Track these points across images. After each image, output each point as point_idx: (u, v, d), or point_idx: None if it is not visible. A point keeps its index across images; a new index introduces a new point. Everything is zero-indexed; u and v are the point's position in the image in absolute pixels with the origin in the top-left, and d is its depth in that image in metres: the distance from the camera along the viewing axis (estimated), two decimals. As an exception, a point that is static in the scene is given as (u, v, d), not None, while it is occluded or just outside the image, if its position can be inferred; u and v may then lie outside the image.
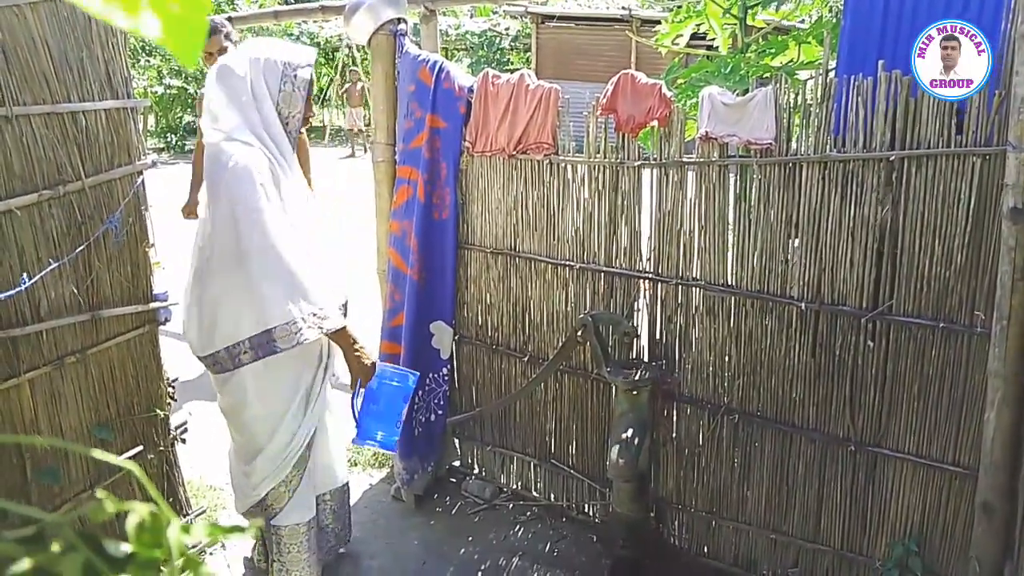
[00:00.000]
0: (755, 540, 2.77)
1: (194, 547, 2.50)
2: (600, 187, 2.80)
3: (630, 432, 2.65)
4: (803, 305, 2.46)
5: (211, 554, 2.88)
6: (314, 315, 2.15)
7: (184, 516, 2.88)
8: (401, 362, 3.12)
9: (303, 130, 2.41)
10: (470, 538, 3.10)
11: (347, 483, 2.81)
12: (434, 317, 3.21)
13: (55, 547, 0.32)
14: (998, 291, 2.08)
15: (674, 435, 2.85)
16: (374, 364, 2.40)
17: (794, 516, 2.66)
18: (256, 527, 0.40)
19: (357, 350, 2.33)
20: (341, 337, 2.29)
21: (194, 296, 2.24)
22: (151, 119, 14.92)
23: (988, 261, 2.15)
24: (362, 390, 2.43)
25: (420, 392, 3.23)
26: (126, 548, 0.34)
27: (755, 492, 2.72)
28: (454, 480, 3.42)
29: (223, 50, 3.02)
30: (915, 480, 2.40)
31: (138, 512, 0.35)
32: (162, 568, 0.35)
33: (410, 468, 3.26)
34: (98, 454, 0.46)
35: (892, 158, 2.23)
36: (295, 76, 2.17)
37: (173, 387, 2.83)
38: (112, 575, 0.33)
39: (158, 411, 2.72)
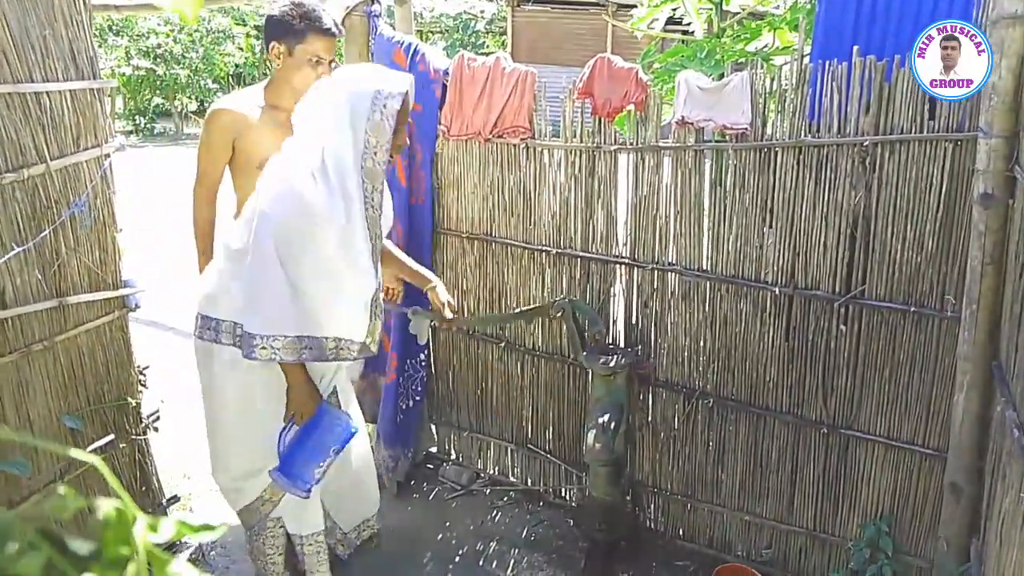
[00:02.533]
0: (729, 522, 2.80)
1: (171, 546, 2.48)
2: (577, 172, 2.79)
3: (606, 417, 2.66)
4: (777, 290, 2.48)
5: (193, 553, 2.85)
6: (276, 339, 2.08)
7: (158, 505, 2.84)
8: (390, 347, 3.11)
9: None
10: (447, 523, 3.10)
11: (314, 539, 2.55)
12: (412, 302, 3.19)
13: (14, 546, 0.30)
14: (968, 276, 2.11)
15: (650, 419, 2.86)
16: (316, 405, 2.27)
17: (768, 498, 2.69)
18: (225, 526, 0.38)
19: (306, 386, 2.24)
20: (291, 370, 2.20)
21: (228, 273, 2.24)
22: (119, 101, 14.60)
23: (959, 246, 2.18)
24: (295, 428, 2.27)
25: (400, 379, 3.22)
26: (90, 546, 0.33)
27: (729, 475, 2.75)
28: (431, 466, 3.41)
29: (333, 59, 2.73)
30: (886, 462, 2.44)
31: (103, 509, 0.33)
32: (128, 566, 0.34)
33: (394, 455, 3.26)
34: (55, 448, 0.44)
35: (866, 143, 2.25)
36: (385, 105, 2.06)
37: (144, 375, 2.78)
38: (75, 572, 0.32)
39: (129, 399, 2.67)
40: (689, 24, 4.55)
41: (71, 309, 2.46)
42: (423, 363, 3.29)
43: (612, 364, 2.66)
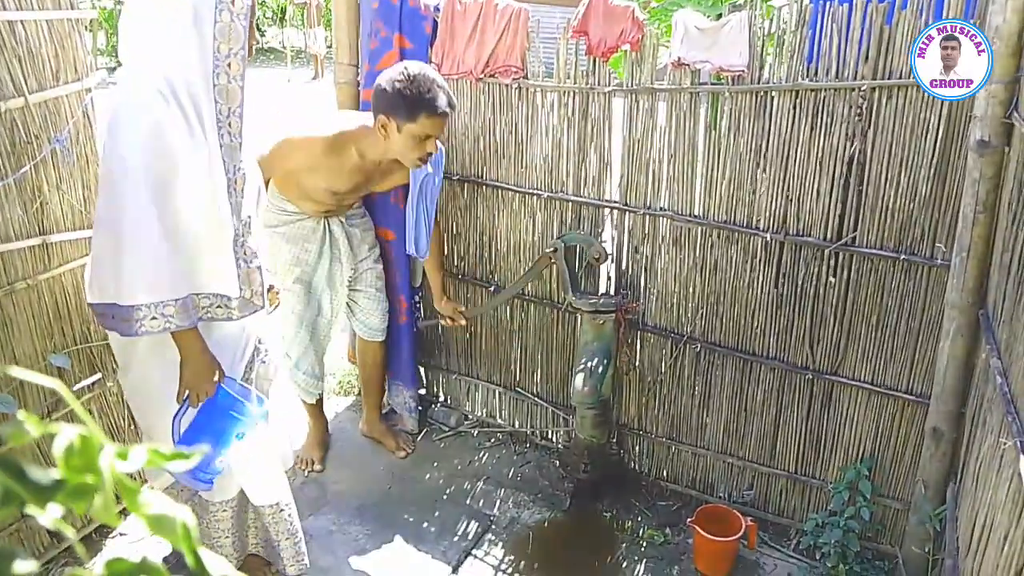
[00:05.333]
0: (713, 464, 2.85)
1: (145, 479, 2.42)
2: (570, 114, 2.74)
3: (594, 360, 2.67)
4: (768, 236, 2.47)
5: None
6: (164, 307, 1.79)
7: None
8: (391, 290, 3.12)
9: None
10: (436, 463, 3.15)
11: (282, 507, 2.34)
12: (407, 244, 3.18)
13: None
14: (960, 223, 2.11)
15: (637, 363, 2.88)
16: (215, 382, 1.95)
17: (751, 441, 2.73)
18: (201, 452, 0.37)
19: (202, 360, 1.92)
20: (185, 338, 1.89)
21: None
22: (101, 37, 14.19)
23: (952, 193, 2.17)
24: (192, 409, 1.96)
25: (410, 320, 3.24)
26: (52, 474, 0.32)
27: (714, 418, 2.78)
28: (420, 408, 3.44)
29: None
30: (869, 407, 2.48)
31: (66, 435, 0.32)
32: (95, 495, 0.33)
33: (413, 396, 3.32)
34: (41, 379, 0.43)
35: (863, 88, 2.21)
36: (232, 2, 1.73)
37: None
38: (37, 503, 0.31)
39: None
40: (688, -38, 4.42)
41: (55, 247, 2.43)
42: (417, 304, 3.30)
43: (601, 305, 2.67)
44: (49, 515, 0.31)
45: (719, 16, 2.46)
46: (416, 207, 2.78)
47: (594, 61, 2.63)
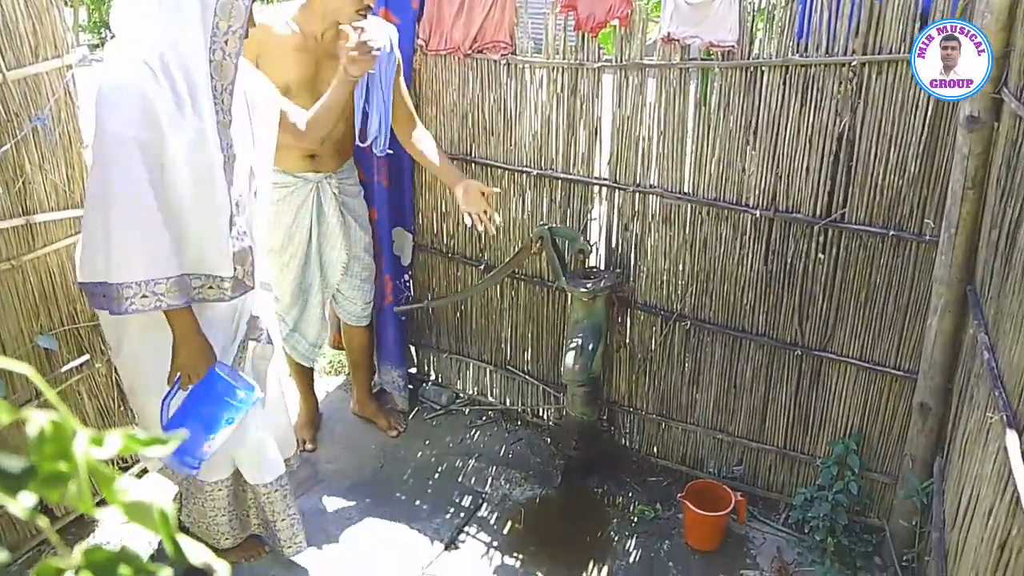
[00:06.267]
0: (702, 440, 2.87)
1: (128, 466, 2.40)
2: (559, 90, 2.72)
3: (585, 338, 2.68)
4: (758, 213, 2.46)
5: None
6: (157, 283, 1.77)
7: (136, 424, 2.85)
8: (377, 271, 3.08)
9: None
10: (427, 441, 3.15)
11: (277, 487, 2.30)
12: (397, 223, 3.16)
13: (-64, 463, 0.28)
14: (948, 200, 2.11)
15: (627, 341, 2.89)
16: (208, 365, 1.93)
17: (740, 418, 2.75)
18: (179, 438, 0.36)
19: (195, 341, 1.90)
20: (176, 319, 1.87)
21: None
22: (82, 13, 13.93)
23: (941, 170, 2.17)
24: (182, 392, 1.93)
25: (396, 300, 3.21)
26: (23, 462, 0.31)
27: (704, 395, 2.80)
28: (411, 386, 3.44)
29: None
30: (857, 383, 2.49)
31: (37, 422, 0.31)
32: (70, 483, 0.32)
33: (402, 375, 3.31)
34: (18, 366, 0.42)
35: (854, 63, 2.19)
36: None
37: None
38: (8, 492, 0.30)
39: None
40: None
41: (39, 228, 2.40)
42: (407, 283, 3.29)
43: (592, 288, 2.66)
44: (20, 504, 0.30)
45: (709, -10, 2.42)
46: (369, 91, 2.59)
47: (583, 36, 2.60)
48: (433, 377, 3.50)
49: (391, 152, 2.80)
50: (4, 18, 2.19)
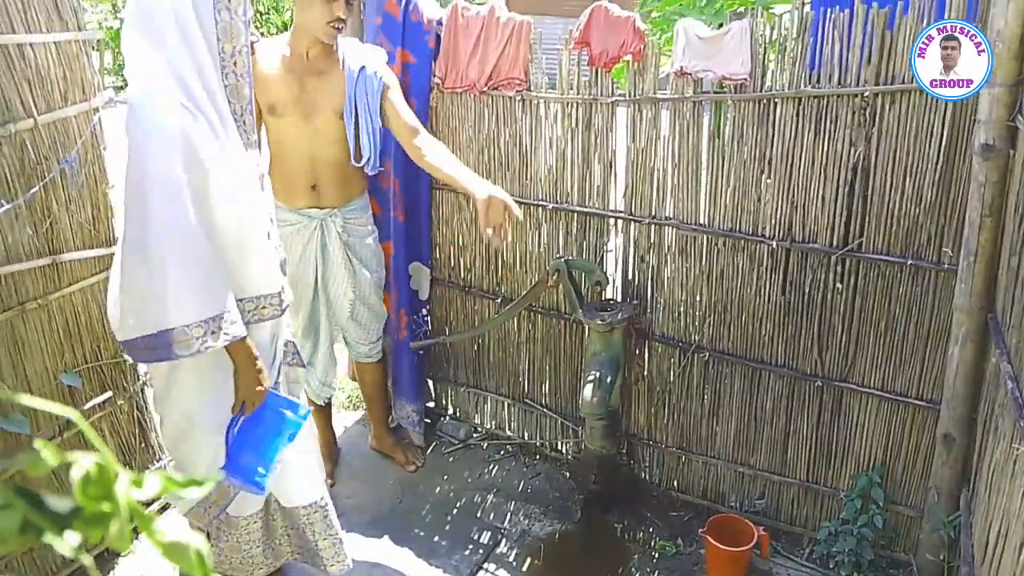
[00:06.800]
0: (723, 474, 2.84)
1: (149, 503, 2.42)
2: (573, 124, 2.75)
3: (603, 371, 2.67)
4: (774, 243, 2.46)
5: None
6: (222, 318, 1.78)
7: (157, 461, 2.87)
8: (391, 305, 3.10)
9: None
10: (445, 476, 3.14)
11: (319, 506, 2.31)
12: (413, 257, 3.19)
13: (-11, 505, 0.30)
14: (966, 228, 2.10)
15: (645, 373, 2.88)
16: (266, 389, 1.98)
17: (761, 450, 2.72)
18: (215, 480, 0.37)
19: (255, 369, 1.93)
20: (239, 349, 1.88)
21: (113, 276, 1.91)
22: (108, 56, 14.30)
23: (957, 198, 2.17)
24: (243, 417, 1.99)
25: (411, 335, 3.23)
26: (69, 503, 0.32)
27: (724, 428, 2.77)
28: (428, 421, 3.44)
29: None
30: (879, 414, 2.46)
31: (82, 464, 0.33)
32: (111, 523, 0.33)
33: (417, 410, 3.31)
34: (48, 406, 0.43)
35: (867, 93, 2.21)
36: (229, 0, 1.75)
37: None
38: (55, 531, 0.31)
39: (125, 356, 2.67)
40: (688, -28, 4.44)
41: (65, 267, 2.45)
42: (425, 317, 3.30)
43: (609, 320, 2.66)
44: (67, 543, 0.31)
45: (721, 25, 2.46)
46: (353, 108, 2.59)
47: (596, 72, 2.64)
48: (451, 411, 3.49)
49: (382, 169, 2.79)
50: (37, 65, 2.26)
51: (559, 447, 3.22)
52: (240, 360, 1.91)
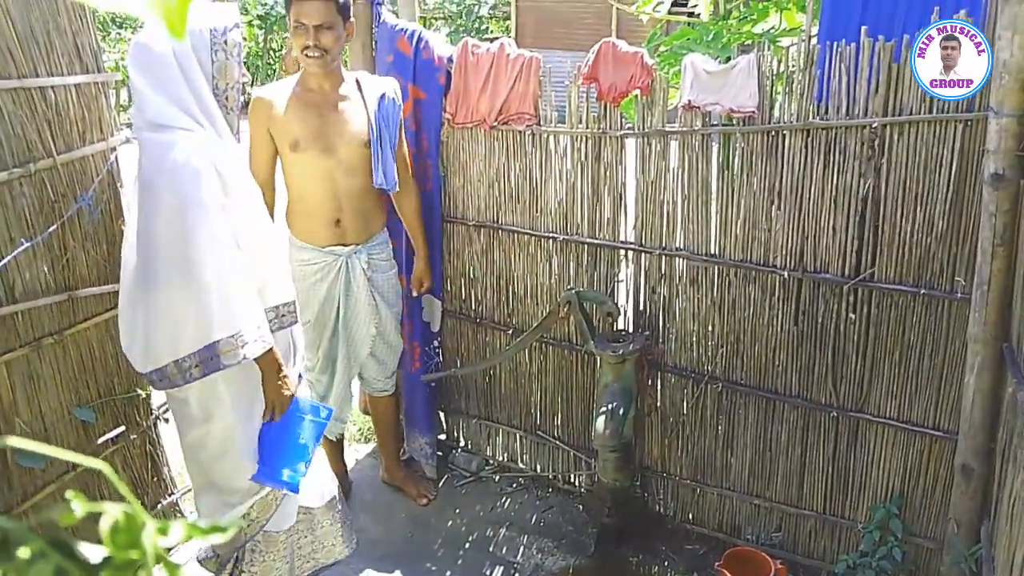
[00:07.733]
0: (739, 506, 2.80)
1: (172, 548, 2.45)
2: (583, 158, 2.78)
3: (615, 402, 2.66)
4: (786, 273, 2.46)
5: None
6: (259, 327, 1.91)
7: (169, 495, 2.86)
8: (404, 338, 3.11)
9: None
10: (457, 510, 3.12)
11: (334, 500, 2.45)
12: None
13: (23, 554, 0.30)
14: (979, 257, 2.10)
15: (658, 404, 2.86)
16: (292, 394, 2.10)
17: (777, 482, 2.69)
18: (238, 527, 0.38)
19: (281, 376, 2.05)
20: (269, 354, 1.99)
21: (135, 307, 1.99)
22: (124, 94, 14.56)
23: (969, 227, 2.17)
24: (272, 423, 2.10)
25: (424, 367, 3.24)
26: (100, 552, 0.33)
27: (739, 459, 2.75)
28: (440, 453, 3.43)
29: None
30: (896, 444, 2.44)
31: (111, 514, 0.33)
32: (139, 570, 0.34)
33: (430, 442, 3.31)
34: (60, 454, 0.44)
35: (875, 125, 2.22)
36: (225, 42, 1.92)
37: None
38: (85, 579, 0.32)
39: (139, 391, 2.69)
40: (695, 6, 4.51)
41: (80, 302, 2.47)
42: (436, 349, 3.31)
43: (621, 351, 2.66)
44: (97, 592, 0.32)
45: (728, 58, 2.50)
46: (379, 133, 2.67)
47: (605, 106, 2.67)
48: (462, 443, 3.48)
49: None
50: (57, 106, 2.31)
51: (572, 479, 3.20)
52: (267, 368, 2.02)
